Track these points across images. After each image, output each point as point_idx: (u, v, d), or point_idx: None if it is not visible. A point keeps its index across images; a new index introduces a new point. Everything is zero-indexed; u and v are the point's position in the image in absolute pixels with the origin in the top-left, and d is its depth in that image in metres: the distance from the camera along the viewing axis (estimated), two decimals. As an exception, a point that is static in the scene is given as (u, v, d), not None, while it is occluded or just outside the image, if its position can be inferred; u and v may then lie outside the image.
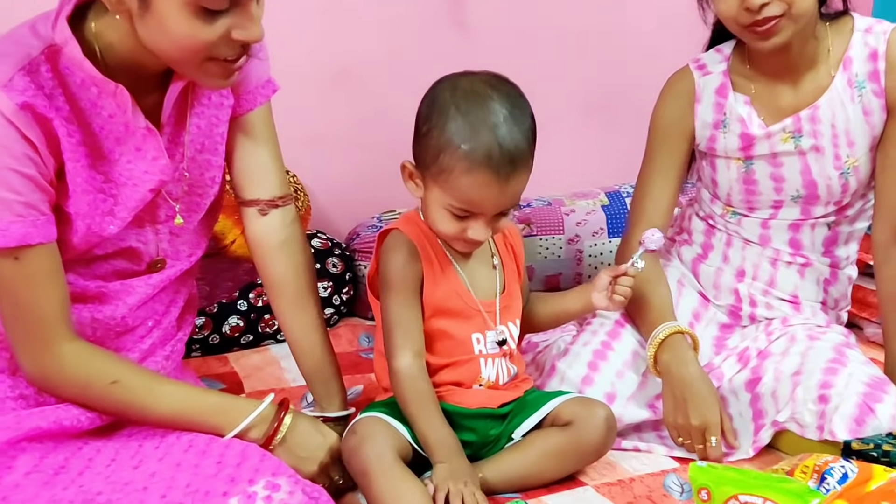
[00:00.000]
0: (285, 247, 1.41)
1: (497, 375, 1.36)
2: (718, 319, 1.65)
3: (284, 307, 1.44)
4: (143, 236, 1.28)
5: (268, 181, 1.39)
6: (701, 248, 1.67)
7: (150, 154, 1.22)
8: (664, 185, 1.60)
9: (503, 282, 1.39)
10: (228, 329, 1.85)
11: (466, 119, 1.22)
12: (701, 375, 1.43)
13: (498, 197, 1.23)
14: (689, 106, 1.59)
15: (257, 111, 1.36)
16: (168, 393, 1.23)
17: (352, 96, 2.18)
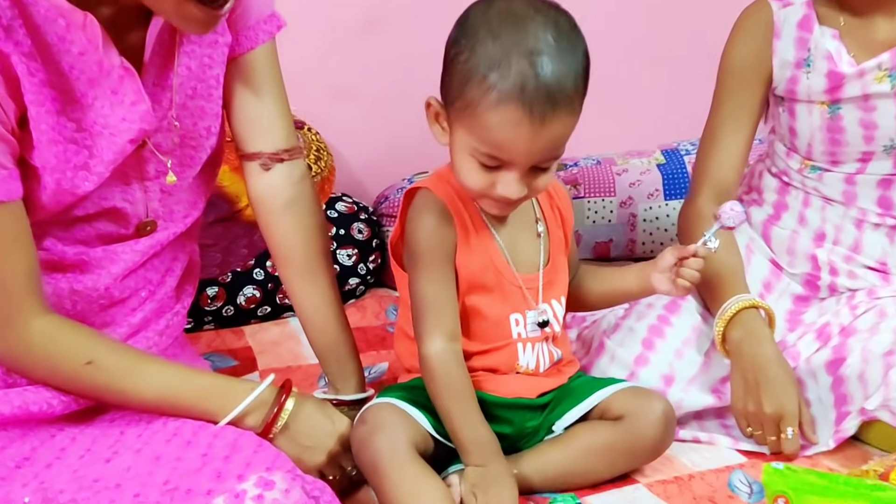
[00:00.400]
0: (292, 207, 1.24)
1: (537, 362, 1.18)
2: (792, 290, 1.46)
3: (292, 277, 1.27)
4: (130, 195, 1.12)
5: (272, 131, 1.22)
6: (773, 208, 1.48)
7: (129, 98, 1.05)
8: (736, 135, 1.41)
9: (548, 252, 1.19)
10: (244, 300, 1.70)
11: (498, 42, 1.01)
12: (777, 357, 1.24)
13: (531, 141, 1.02)
14: (767, 42, 1.39)
15: (259, 51, 1.18)
16: (151, 374, 1.07)
17: (382, 45, 2.01)
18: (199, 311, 1.66)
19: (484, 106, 1.01)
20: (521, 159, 1.04)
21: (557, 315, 1.19)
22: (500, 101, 1.00)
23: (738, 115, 1.41)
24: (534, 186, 1.07)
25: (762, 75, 1.40)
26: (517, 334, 1.16)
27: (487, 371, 1.16)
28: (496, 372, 1.16)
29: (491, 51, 1.01)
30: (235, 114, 1.21)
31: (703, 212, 1.38)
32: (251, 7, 1.16)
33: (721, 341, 1.28)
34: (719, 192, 1.40)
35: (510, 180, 1.05)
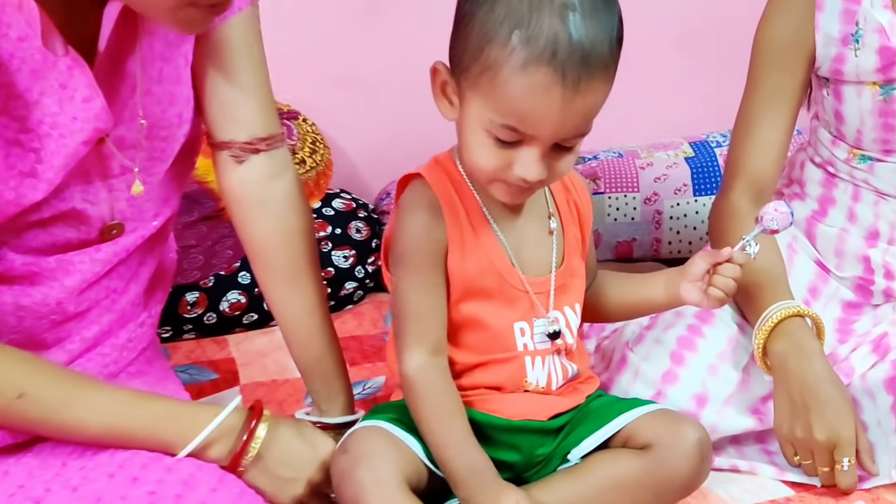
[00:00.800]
0: (269, 205, 1.08)
1: (549, 378, 1.01)
2: (842, 296, 1.29)
3: (271, 284, 1.12)
4: (92, 194, 0.96)
5: (247, 116, 1.06)
6: (817, 203, 1.31)
7: (80, 94, 0.89)
8: (774, 122, 1.25)
9: (562, 253, 1.03)
10: (227, 306, 1.54)
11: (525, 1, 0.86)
12: (829, 374, 1.07)
13: (561, 111, 0.85)
14: (808, 16, 1.22)
15: (233, 21, 1.02)
16: (94, 403, 0.92)
17: (386, 29, 1.86)
18: (177, 319, 1.51)
19: (509, 70, 0.86)
20: (546, 133, 0.87)
21: (571, 324, 1.03)
22: (527, 64, 0.85)
23: (775, 99, 1.25)
24: (555, 169, 0.91)
25: (803, 53, 1.24)
26: (523, 346, 1.00)
27: (490, 389, 1.00)
28: (501, 390, 1.00)
29: (516, 5, 0.86)
30: (205, 95, 1.04)
31: (737, 209, 1.23)
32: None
33: (762, 355, 1.11)
34: (756, 187, 1.25)
35: (530, 159, 0.89)
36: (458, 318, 0.99)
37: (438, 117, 1.01)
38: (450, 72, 0.93)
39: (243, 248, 1.15)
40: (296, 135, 1.72)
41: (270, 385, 1.38)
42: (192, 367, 1.44)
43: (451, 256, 0.97)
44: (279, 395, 1.36)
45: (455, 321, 0.99)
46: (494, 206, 0.99)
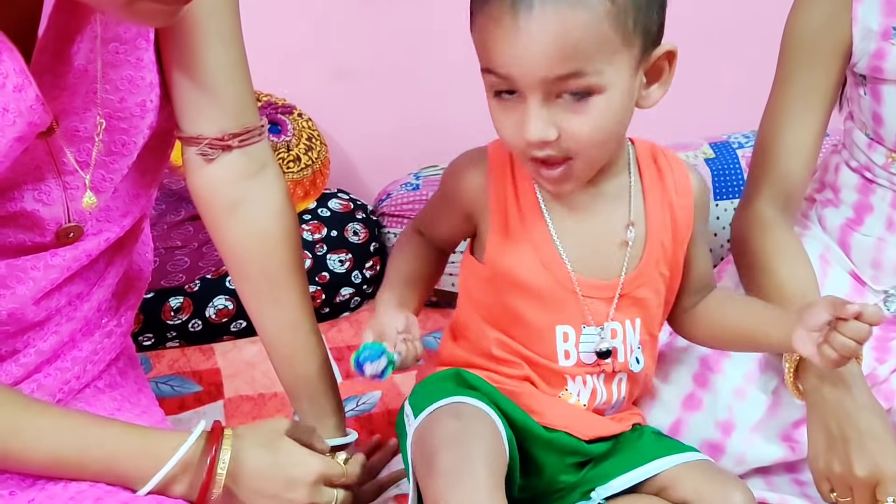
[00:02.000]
0: (242, 209, 0.97)
1: (591, 400, 0.92)
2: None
3: (248, 295, 1.02)
4: (45, 194, 0.86)
5: (216, 107, 0.93)
6: (853, 210, 1.21)
7: (11, 82, 0.77)
8: (805, 122, 1.15)
9: (638, 259, 0.92)
10: (214, 313, 1.44)
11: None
12: (870, 402, 0.97)
13: (520, 46, 0.78)
14: (845, 6, 1.12)
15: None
16: (42, 430, 0.82)
17: (386, 20, 1.76)
18: (160, 326, 1.41)
19: (476, 10, 0.82)
20: (516, 68, 0.79)
21: (630, 342, 0.92)
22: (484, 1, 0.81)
23: (807, 96, 1.15)
24: (568, 131, 0.80)
25: (838, 48, 1.14)
26: (564, 353, 0.90)
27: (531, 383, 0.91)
28: (540, 389, 0.91)
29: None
30: (171, 84, 0.92)
31: (764, 218, 1.12)
32: None
33: (793, 380, 1.00)
34: (784, 193, 1.14)
35: (526, 113, 0.80)
36: (500, 306, 0.91)
37: (442, 112, 0.93)
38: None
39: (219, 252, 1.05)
40: (290, 130, 1.62)
41: (257, 399, 1.29)
42: (174, 379, 1.34)
43: (491, 242, 0.90)
44: (267, 410, 1.26)
45: (500, 305, 0.91)
46: (555, 205, 0.90)
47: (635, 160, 0.93)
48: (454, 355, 0.96)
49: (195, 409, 1.26)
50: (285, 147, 1.59)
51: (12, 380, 0.90)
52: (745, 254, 1.13)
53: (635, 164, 0.93)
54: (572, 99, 0.80)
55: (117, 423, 0.87)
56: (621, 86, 0.81)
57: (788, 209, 1.15)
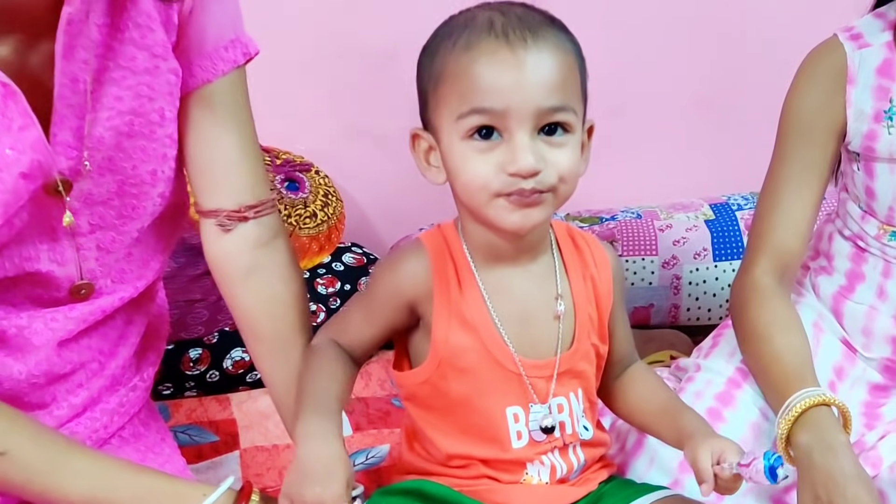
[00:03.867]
0: (256, 276, 1.04)
1: (552, 475, 0.96)
2: (869, 378, 1.24)
3: (258, 352, 1.08)
4: (59, 254, 0.93)
5: (233, 183, 1.01)
6: (846, 278, 1.26)
7: (16, 123, 0.85)
8: (801, 197, 1.20)
9: (571, 334, 0.97)
10: (231, 364, 1.50)
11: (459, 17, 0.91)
12: (857, 471, 1.01)
13: (520, 77, 0.84)
14: (839, 89, 1.18)
15: (218, 84, 0.98)
16: (79, 471, 0.89)
17: (401, 80, 1.80)
18: (180, 376, 1.47)
19: (455, 56, 0.87)
20: (515, 99, 0.85)
21: (575, 413, 0.97)
22: (469, 43, 0.87)
23: (804, 174, 1.21)
24: (553, 164, 0.86)
25: (834, 128, 1.20)
26: (517, 433, 0.94)
27: (491, 479, 0.95)
28: (501, 481, 0.95)
29: (451, 24, 0.91)
30: (189, 161, 1.00)
31: (761, 286, 1.18)
32: (207, 29, 0.96)
33: (785, 446, 1.06)
34: (781, 263, 1.20)
35: (517, 146, 0.85)
36: (448, 398, 0.94)
37: None
38: (424, 131, 0.93)
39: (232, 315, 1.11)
40: (308, 187, 1.69)
41: (272, 450, 1.34)
42: (192, 428, 1.39)
43: (436, 326, 0.93)
44: (280, 462, 1.31)
45: (445, 401, 0.94)
46: (493, 281, 0.95)
47: (555, 240, 0.99)
48: (412, 464, 1.00)
49: (212, 458, 1.31)
50: (302, 203, 1.65)
51: (46, 430, 0.96)
52: (743, 321, 1.18)
53: (556, 243, 0.99)
54: (553, 135, 0.87)
55: (149, 470, 0.94)
56: (579, 135, 0.89)
57: (785, 279, 1.20)
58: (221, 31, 0.97)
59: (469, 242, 0.94)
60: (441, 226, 0.98)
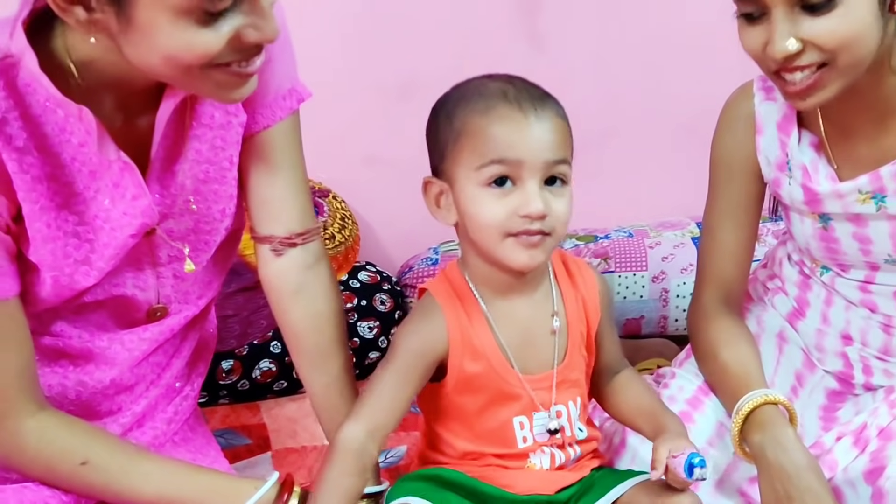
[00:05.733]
0: (303, 294, 1.20)
1: (552, 462, 1.12)
2: (826, 384, 1.36)
3: (301, 362, 1.24)
4: (142, 281, 1.10)
5: (286, 214, 1.18)
6: (796, 301, 1.38)
7: (130, 192, 1.02)
8: (735, 232, 1.31)
9: (564, 349, 1.14)
10: (259, 374, 1.66)
11: (469, 87, 1.08)
12: (808, 463, 1.15)
13: (531, 135, 1.02)
14: (750, 137, 1.28)
15: (277, 128, 1.14)
16: (150, 473, 1.05)
17: (413, 113, 1.93)
18: (214, 386, 1.63)
19: (476, 117, 1.04)
20: (529, 153, 1.02)
21: (573, 416, 1.13)
22: (488, 108, 1.04)
23: (733, 211, 1.31)
24: (555, 212, 1.04)
25: (751, 170, 1.29)
26: (522, 439, 1.11)
27: (499, 467, 1.11)
28: (507, 468, 1.11)
29: (462, 91, 1.08)
30: (249, 194, 1.17)
31: (709, 311, 1.31)
32: (269, 82, 1.11)
33: (739, 444, 1.19)
34: (724, 290, 1.33)
35: (529, 192, 1.02)
36: (462, 410, 1.10)
37: None
38: (437, 176, 1.09)
39: (280, 328, 1.27)
40: (326, 211, 1.85)
41: (300, 451, 1.49)
42: (227, 432, 1.55)
43: (452, 357, 1.08)
44: (308, 461, 1.47)
45: (457, 409, 1.10)
46: (497, 308, 1.10)
47: (552, 267, 1.15)
48: (430, 458, 1.14)
49: (247, 459, 1.47)
50: (322, 226, 1.81)
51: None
52: (696, 343, 1.32)
53: (552, 270, 1.15)
54: (553, 185, 1.04)
55: (207, 469, 1.10)
56: (570, 187, 1.07)
57: (730, 302, 1.32)
58: (281, 83, 1.12)
59: (474, 279, 1.10)
60: (444, 271, 1.14)
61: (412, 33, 1.96)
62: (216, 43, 0.89)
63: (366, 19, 1.92)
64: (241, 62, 0.94)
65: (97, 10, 0.88)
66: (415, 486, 1.11)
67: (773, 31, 1.08)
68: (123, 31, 0.89)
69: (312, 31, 1.03)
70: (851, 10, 1.06)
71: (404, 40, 1.96)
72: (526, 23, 2.00)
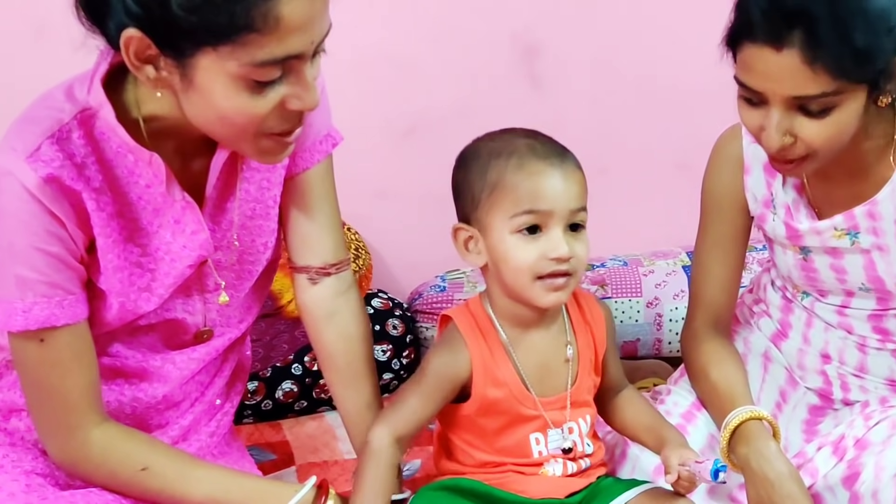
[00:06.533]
0: (336, 318, 1.31)
1: (564, 470, 1.24)
2: (808, 400, 1.47)
3: (335, 381, 1.35)
4: (191, 306, 1.21)
5: (321, 246, 1.30)
6: (779, 324, 1.48)
7: (189, 228, 1.14)
8: (723, 262, 1.42)
9: (576, 373, 1.26)
10: (282, 395, 1.77)
11: (497, 142, 1.20)
12: (789, 472, 1.26)
13: (560, 185, 1.16)
14: (738, 176, 1.39)
15: (314, 170, 1.26)
16: (201, 478, 1.16)
17: (421, 150, 2.11)
18: (240, 406, 1.73)
19: (510, 175, 1.16)
20: (558, 203, 1.15)
21: (583, 432, 1.25)
22: (521, 164, 1.17)
23: (722, 243, 1.41)
24: (577, 252, 1.17)
25: (738, 206, 1.39)
26: (538, 453, 1.22)
27: (515, 472, 1.22)
28: (523, 473, 1.22)
29: (492, 147, 1.20)
30: (289, 228, 1.28)
31: (700, 335, 1.42)
32: (310, 129, 1.23)
33: (727, 454, 1.30)
34: (714, 316, 1.43)
35: (557, 237, 1.15)
36: (483, 429, 1.21)
37: None
38: (466, 222, 1.20)
39: (305, 340, 1.37)
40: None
41: (322, 465, 1.59)
42: (252, 449, 1.63)
43: (476, 385, 1.20)
44: (331, 475, 1.55)
45: (478, 427, 1.21)
46: (517, 339, 1.23)
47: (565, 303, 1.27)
48: (449, 469, 1.25)
49: (273, 473, 1.57)
50: (344, 258, 1.92)
51: (164, 447, 1.23)
52: (688, 363, 1.43)
53: (565, 305, 1.27)
54: (575, 231, 1.17)
55: (251, 475, 1.22)
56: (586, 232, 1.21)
57: (719, 325, 1.43)
58: (319, 128, 1.25)
59: (497, 313, 1.23)
60: (468, 304, 1.26)
61: (418, 76, 2.08)
62: (263, 108, 1.01)
63: (376, 64, 2.04)
64: (285, 133, 1.06)
65: (164, 70, 1.00)
66: (435, 495, 1.22)
67: (769, 124, 1.18)
68: (185, 90, 1.01)
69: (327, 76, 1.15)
70: (844, 115, 1.16)
71: (411, 83, 2.08)
72: (525, 66, 2.13)
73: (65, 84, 1.10)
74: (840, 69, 1.12)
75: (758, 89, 1.17)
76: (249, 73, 0.98)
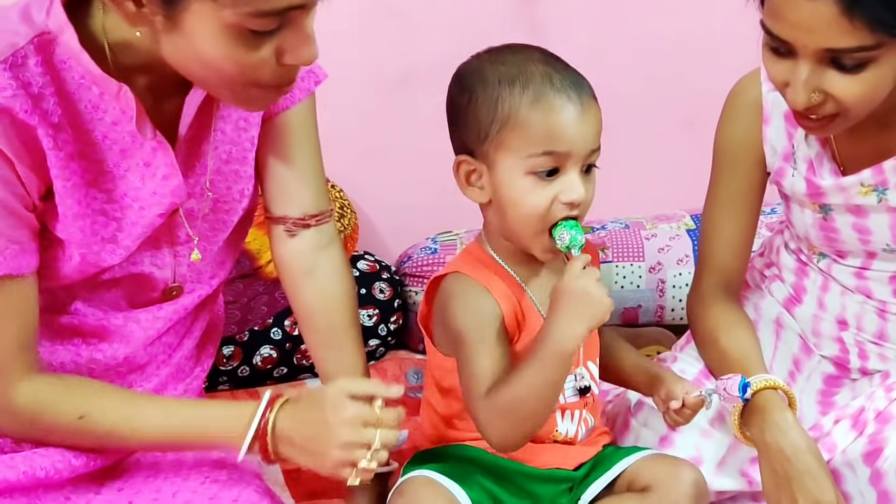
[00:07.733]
0: (315, 274, 1.21)
1: (576, 430, 1.15)
2: (823, 369, 1.39)
3: (315, 343, 1.25)
4: (160, 260, 1.10)
5: (300, 195, 1.19)
6: (793, 289, 1.40)
7: (161, 172, 1.03)
8: (735, 221, 1.33)
9: None
10: (260, 360, 1.67)
11: (508, 66, 1.07)
12: (806, 445, 1.17)
13: (580, 124, 1.05)
14: (756, 126, 1.29)
15: (295, 110, 1.15)
16: (149, 416, 1.04)
17: (413, 104, 1.99)
18: (214, 371, 1.63)
19: (525, 109, 1.05)
20: (577, 144, 1.05)
21: (594, 376, 1.17)
22: (537, 98, 1.05)
23: (734, 200, 1.33)
24: (589, 196, 1.08)
25: (755, 159, 1.30)
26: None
27: None
28: (532, 441, 1.12)
29: (503, 72, 1.06)
30: (266, 174, 1.18)
31: (708, 300, 1.33)
32: None
33: (738, 428, 1.21)
34: (723, 279, 1.35)
35: (573, 180, 1.05)
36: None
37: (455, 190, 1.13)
38: (470, 157, 1.08)
39: (285, 303, 1.27)
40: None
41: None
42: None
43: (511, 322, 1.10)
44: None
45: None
46: (526, 277, 1.13)
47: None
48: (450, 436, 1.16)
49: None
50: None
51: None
52: (696, 330, 1.34)
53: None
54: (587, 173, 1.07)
55: (206, 401, 1.12)
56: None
57: (729, 289, 1.34)
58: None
59: (499, 253, 1.13)
60: (467, 251, 1.16)
61: (410, 25, 1.97)
62: (256, 60, 0.92)
63: (364, 12, 1.93)
64: (280, 87, 0.96)
65: (146, 6, 0.89)
66: (432, 460, 1.13)
67: (796, 79, 1.07)
68: (167, 30, 0.91)
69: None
70: (881, 72, 1.06)
71: (402, 32, 1.97)
72: (525, 12, 2.01)
73: (20, 4, 0.98)
74: (880, 21, 1.02)
75: (786, 39, 1.07)
76: (245, 22, 0.89)
